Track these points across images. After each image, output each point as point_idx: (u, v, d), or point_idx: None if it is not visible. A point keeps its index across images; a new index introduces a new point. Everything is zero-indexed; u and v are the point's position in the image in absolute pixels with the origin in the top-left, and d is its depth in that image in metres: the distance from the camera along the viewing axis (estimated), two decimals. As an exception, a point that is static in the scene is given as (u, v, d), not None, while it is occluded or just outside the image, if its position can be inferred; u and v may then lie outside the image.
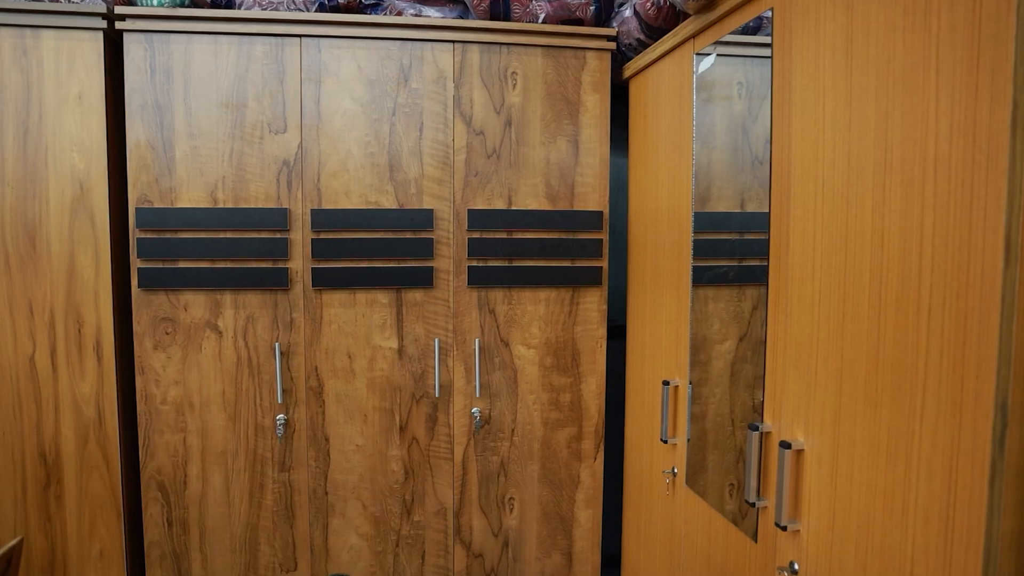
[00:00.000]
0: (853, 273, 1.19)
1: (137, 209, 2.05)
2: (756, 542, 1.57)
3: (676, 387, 1.98)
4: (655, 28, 2.03)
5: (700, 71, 1.86)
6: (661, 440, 2.02)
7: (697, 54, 1.85)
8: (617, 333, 2.55)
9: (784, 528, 1.39)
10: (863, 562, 1.16)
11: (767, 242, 1.57)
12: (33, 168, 2.01)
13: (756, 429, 1.54)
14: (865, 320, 1.16)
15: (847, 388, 1.21)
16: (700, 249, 1.89)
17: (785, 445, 1.38)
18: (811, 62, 1.33)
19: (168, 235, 2.07)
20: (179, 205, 2.07)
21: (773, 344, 1.53)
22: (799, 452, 1.38)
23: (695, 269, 1.90)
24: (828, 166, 1.27)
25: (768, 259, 1.54)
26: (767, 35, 1.71)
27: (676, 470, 1.98)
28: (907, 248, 1.04)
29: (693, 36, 1.85)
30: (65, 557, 2.10)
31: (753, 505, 1.54)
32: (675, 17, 2.00)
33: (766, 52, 1.68)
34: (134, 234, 2.06)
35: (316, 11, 2.12)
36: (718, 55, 1.78)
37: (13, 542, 1.38)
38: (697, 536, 1.88)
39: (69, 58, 2.00)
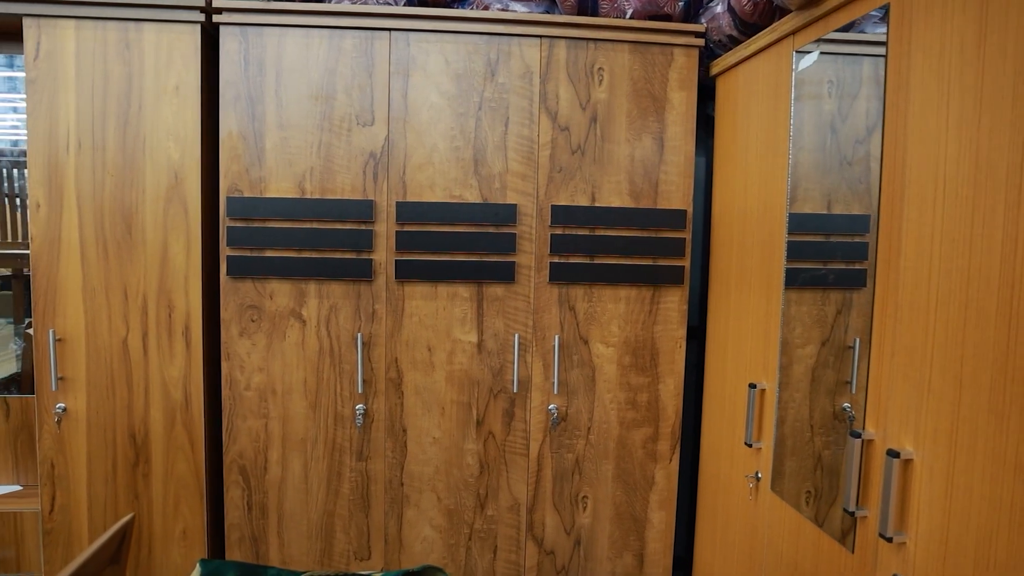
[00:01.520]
0: (979, 278, 1.15)
1: (228, 198, 2.09)
2: (853, 552, 1.53)
3: (763, 390, 1.94)
4: (749, 24, 1.99)
5: (799, 68, 1.81)
6: (745, 444, 1.98)
7: (797, 51, 1.81)
8: (690, 334, 2.50)
9: (889, 539, 1.34)
10: (986, 579, 1.12)
11: (866, 245, 1.53)
12: (132, 157, 2.07)
13: (858, 436, 1.49)
14: (992, 328, 1.11)
15: (968, 398, 1.17)
16: (791, 251, 1.85)
17: (893, 454, 1.34)
18: (934, 58, 1.28)
19: (256, 224, 2.11)
20: (268, 195, 2.11)
21: (878, 349, 1.48)
22: (907, 462, 1.33)
23: (788, 271, 1.85)
24: (952, 167, 1.22)
25: (875, 262, 1.49)
26: (861, 31, 1.67)
27: (760, 475, 1.94)
28: (1051, 253, 1.00)
29: (793, 33, 1.81)
30: (151, 534, 2.16)
31: (852, 514, 1.50)
32: (771, 13, 1.95)
33: (864, 50, 1.63)
34: (224, 223, 2.10)
35: (405, 5, 2.14)
36: (821, 52, 1.74)
37: (126, 518, 1.42)
38: (782, 543, 1.84)
39: (168, 51, 2.06)
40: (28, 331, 2.56)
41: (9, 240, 2.43)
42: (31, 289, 2.08)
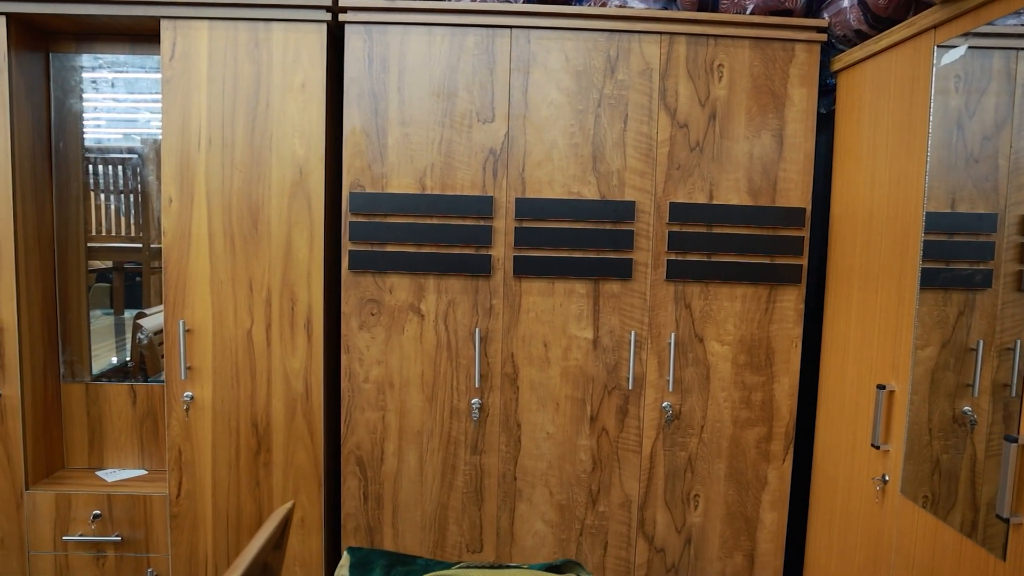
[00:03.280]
0: None
1: (351, 194, 2.13)
2: (1004, 560, 1.49)
3: (891, 392, 1.91)
4: (882, 19, 1.96)
5: (941, 64, 1.78)
6: (872, 446, 1.95)
7: (939, 46, 1.77)
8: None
9: (1057, 547, 1.31)
10: None
11: (992, 244, 1.50)
12: (259, 153, 2.12)
13: (1014, 440, 1.46)
14: None
15: None
16: (926, 250, 1.82)
17: (1062, 460, 1.30)
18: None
19: (378, 219, 2.14)
20: (389, 191, 2.14)
21: (1038, 352, 1.44)
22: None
23: (924, 271, 1.82)
24: None
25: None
26: (991, 24, 1.62)
27: (887, 477, 1.91)
28: None
29: (935, 26, 1.77)
30: (271, 522, 2.22)
31: (1006, 520, 1.46)
32: (907, 7, 1.92)
33: (1017, 44, 1.59)
34: (346, 217, 2.14)
35: (525, 3, 2.15)
36: (969, 47, 1.70)
37: (287, 506, 1.47)
38: (914, 548, 1.81)
39: (295, 49, 2.10)
40: (139, 321, 2.64)
41: (113, 234, 2.51)
42: (163, 281, 2.14)
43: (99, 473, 2.35)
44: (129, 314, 2.62)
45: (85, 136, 2.36)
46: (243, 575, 1.29)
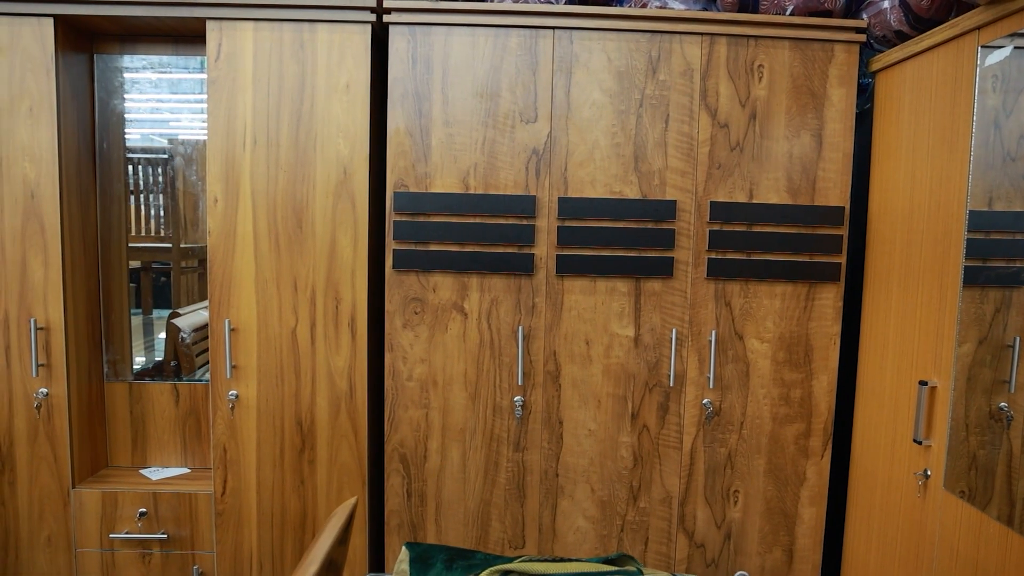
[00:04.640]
0: None
1: (395, 193, 2.15)
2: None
3: (933, 388, 1.94)
4: (924, 20, 1.98)
5: (985, 64, 1.80)
6: (914, 441, 1.98)
7: (983, 46, 1.80)
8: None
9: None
10: None
11: None
12: (303, 153, 2.14)
13: (1067, 435, 1.48)
14: None
15: None
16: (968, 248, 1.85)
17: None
18: None
19: (422, 219, 2.16)
20: (433, 190, 2.16)
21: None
22: None
23: (966, 269, 1.85)
24: None
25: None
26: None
27: (930, 472, 1.94)
28: None
29: (978, 28, 1.79)
30: (315, 519, 2.24)
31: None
32: (948, 8, 1.94)
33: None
34: (390, 217, 2.16)
35: (566, 3, 2.17)
36: (1015, 48, 1.72)
37: (351, 502, 1.49)
38: (958, 542, 1.83)
39: (340, 50, 2.12)
40: (173, 321, 2.66)
41: (143, 234, 2.52)
42: (208, 280, 2.16)
43: (143, 471, 2.37)
44: (158, 314, 2.64)
45: (127, 137, 2.37)
46: (317, 572, 1.31)
